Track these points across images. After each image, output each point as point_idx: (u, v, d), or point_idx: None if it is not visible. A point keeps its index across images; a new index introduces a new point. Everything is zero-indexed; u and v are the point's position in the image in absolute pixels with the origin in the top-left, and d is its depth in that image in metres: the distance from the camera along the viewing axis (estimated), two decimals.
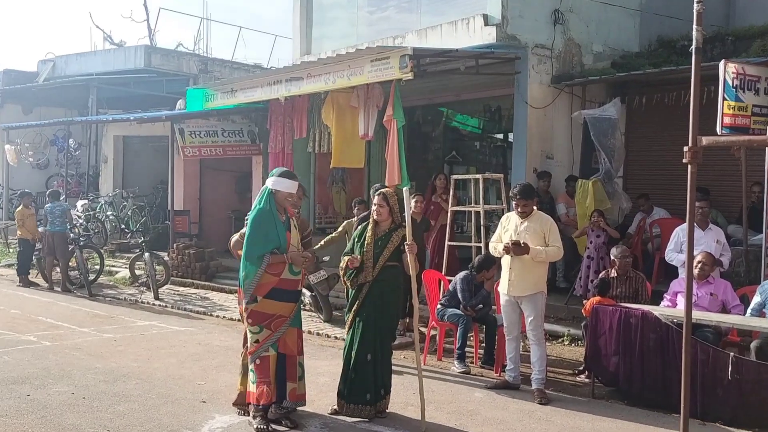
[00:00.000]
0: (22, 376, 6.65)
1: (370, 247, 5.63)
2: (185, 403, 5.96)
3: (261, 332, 5.36)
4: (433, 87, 11.64)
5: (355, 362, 5.54)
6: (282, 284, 5.34)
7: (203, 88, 13.10)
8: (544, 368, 6.49)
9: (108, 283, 13.06)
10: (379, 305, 5.60)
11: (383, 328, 5.66)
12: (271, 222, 5.34)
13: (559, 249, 6.43)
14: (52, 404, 5.82)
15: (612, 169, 9.72)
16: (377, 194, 5.77)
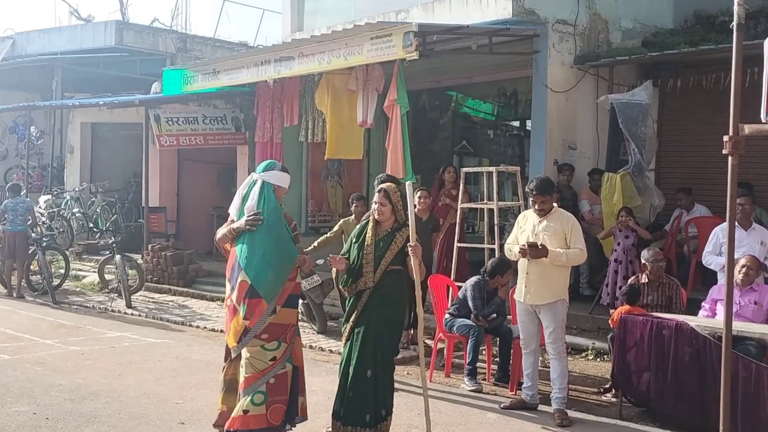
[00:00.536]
0: None
1: (370, 249, 5.60)
2: (161, 424, 5.97)
3: (279, 347, 5.18)
4: (440, 68, 11.63)
5: (353, 379, 5.51)
6: (296, 289, 5.36)
7: (182, 69, 13.13)
8: (565, 386, 6.48)
9: (74, 289, 13.07)
10: (380, 314, 5.57)
11: (385, 341, 5.62)
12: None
13: (581, 252, 6.41)
14: (11, 426, 5.82)
15: (643, 161, 9.69)
16: (378, 191, 5.72)
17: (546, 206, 6.44)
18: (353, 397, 5.49)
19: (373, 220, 5.68)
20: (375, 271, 5.55)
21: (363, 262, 5.59)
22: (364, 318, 5.58)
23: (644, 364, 6.37)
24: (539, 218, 6.47)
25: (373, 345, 5.53)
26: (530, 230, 6.49)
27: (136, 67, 18.20)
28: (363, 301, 5.59)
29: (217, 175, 15.93)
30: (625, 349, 6.50)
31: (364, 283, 5.57)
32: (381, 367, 5.55)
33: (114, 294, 12.19)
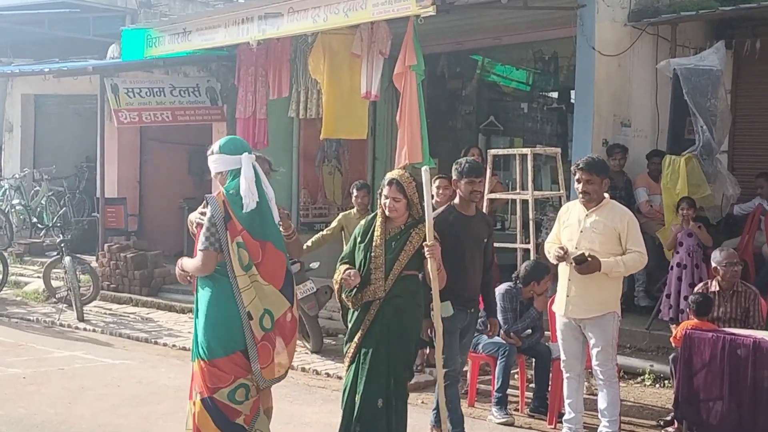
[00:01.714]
0: None
1: (380, 252, 5.58)
2: None
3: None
4: (463, 27, 11.60)
5: (361, 410, 5.50)
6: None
7: (144, 29, 13.11)
8: (616, 418, 6.48)
9: (14, 298, 13.10)
10: (393, 330, 5.55)
11: (399, 363, 5.61)
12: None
13: (641, 255, 6.36)
14: None
15: (713, 141, 9.65)
16: (388, 183, 5.66)
17: (591, 189, 6.33)
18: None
19: (381, 215, 5.66)
20: (386, 278, 5.54)
21: (371, 268, 5.56)
22: (373, 335, 5.55)
23: (715, 391, 6.36)
24: (586, 211, 6.39)
25: (386, 368, 5.51)
26: (575, 226, 6.44)
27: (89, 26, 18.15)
28: (372, 314, 5.57)
29: (188, 158, 15.93)
30: (692, 372, 6.49)
31: (373, 293, 5.55)
32: (395, 394, 5.54)
33: (63, 304, 12.19)
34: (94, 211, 14.88)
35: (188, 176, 15.87)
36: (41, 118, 17.97)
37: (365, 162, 13.81)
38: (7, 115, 17.99)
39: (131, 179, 15.77)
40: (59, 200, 15.92)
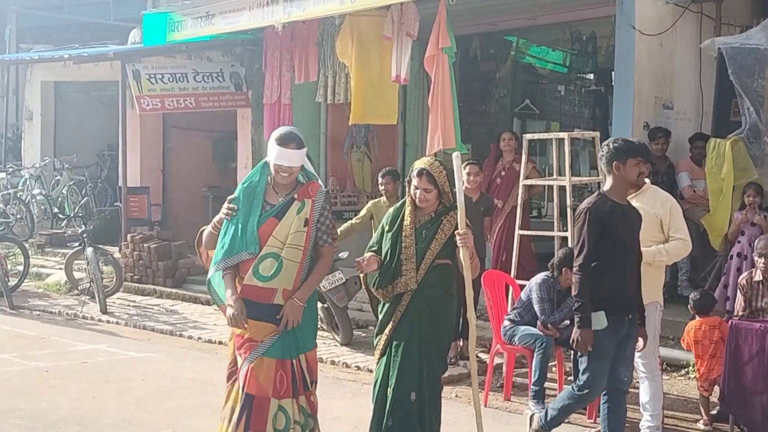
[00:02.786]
0: None
1: (410, 242, 5.53)
2: None
3: (237, 360, 5.38)
4: (496, 6, 11.55)
5: (393, 405, 5.48)
6: (245, 293, 5.26)
7: (166, 13, 13.15)
8: (659, 412, 6.46)
9: (36, 290, 13.22)
10: (426, 322, 5.51)
11: (432, 355, 5.58)
12: (248, 203, 5.29)
13: (684, 243, 6.33)
14: None
15: (761, 123, 9.55)
16: (419, 174, 5.56)
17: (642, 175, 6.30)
18: (394, 427, 5.47)
19: (411, 204, 5.61)
20: (418, 269, 5.50)
21: (402, 259, 5.52)
22: (404, 327, 5.53)
23: (764, 384, 6.31)
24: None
25: (418, 360, 5.48)
26: None
27: (110, 10, 18.30)
28: (403, 305, 5.54)
29: (212, 146, 15.99)
30: (739, 365, 6.44)
31: (405, 285, 5.51)
32: (428, 387, 5.53)
33: (85, 296, 12.29)
34: (116, 201, 14.97)
35: (212, 164, 15.93)
36: (61, 106, 18.04)
37: (395, 148, 13.78)
38: (27, 103, 18.11)
39: (154, 168, 15.82)
40: (81, 190, 16.01)
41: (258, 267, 5.21)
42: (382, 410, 5.52)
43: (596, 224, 5.43)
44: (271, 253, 5.22)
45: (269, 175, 5.34)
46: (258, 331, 5.24)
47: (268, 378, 5.22)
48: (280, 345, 5.26)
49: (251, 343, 5.25)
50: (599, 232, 5.43)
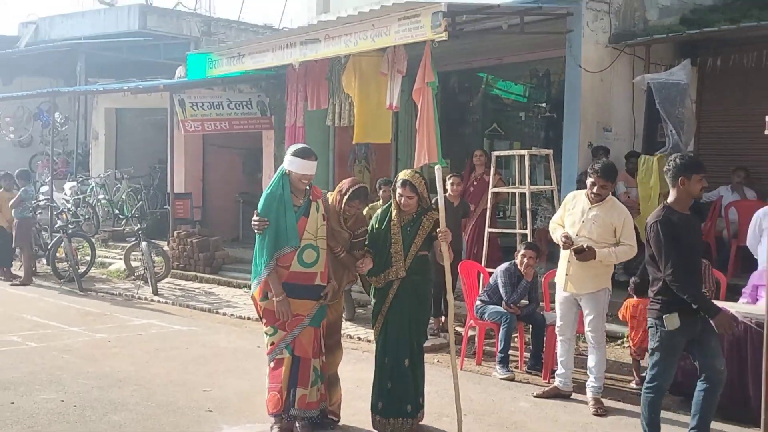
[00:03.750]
0: (6, 381, 6.77)
1: (398, 237, 5.56)
2: (189, 412, 6.04)
3: (275, 334, 5.40)
4: (470, 49, 11.55)
5: (391, 371, 5.52)
6: (293, 278, 5.33)
7: (206, 53, 13.17)
8: (602, 375, 6.46)
9: (100, 276, 13.24)
10: (414, 302, 5.56)
11: (420, 328, 5.67)
12: (280, 208, 5.33)
13: (632, 248, 6.31)
14: (40, 413, 5.92)
15: (681, 144, 9.57)
16: (402, 184, 5.54)
17: (604, 192, 6.27)
18: (393, 388, 5.50)
19: (396, 207, 5.61)
20: (405, 259, 5.53)
21: (392, 252, 5.53)
22: (396, 307, 5.55)
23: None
24: (590, 204, 6.32)
25: (409, 334, 5.54)
26: (578, 216, 6.37)
27: (160, 51, 18.29)
28: (394, 289, 5.56)
29: (242, 160, 16.00)
30: None
31: (395, 273, 5.53)
32: (417, 355, 5.59)
33: (140, 281, 12.35)
34: (165, 204, 14.97)
35: (242, 175, 15.95)
36: (121, 128, 18.10)
37: (389, 162, 13.78)
38: (94, 126, 18.17)
39: (196, 177, 15.85)
40: (137, 195, 16.03)
41: (302, 256, 5.34)
42: (382, 375, 5.56)
43: (669, 235, 4.92)
44: (308, 244, 5.36)
45: (289, 183, 5.37)
46: (303, 308, 5.40)
47: (309, 342, 5.43)
48: (315, 317, 5.46)
49: (297, 317, 5.37)
50: (675, 241, 4.92)
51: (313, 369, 5.45)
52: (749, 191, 9.77)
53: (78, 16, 20.67)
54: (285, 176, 5.41)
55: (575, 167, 10.01)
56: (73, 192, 15.80)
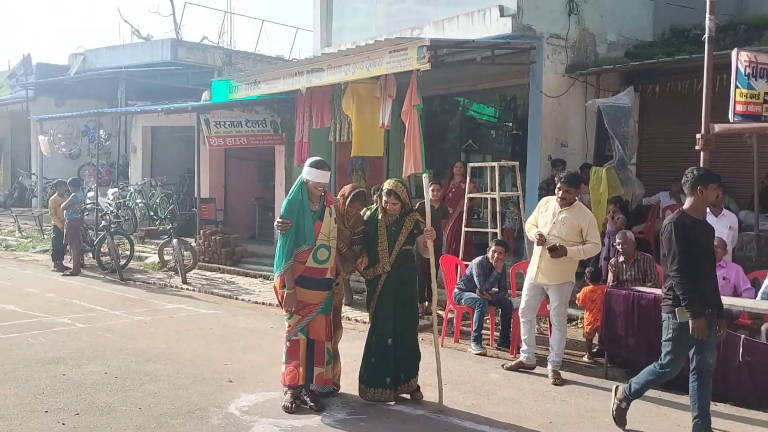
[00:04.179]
0: (58, 356, 6.76)
1: (384, 237, 5.53)
2: (212, 382, 6.02)
3: (291, 318, 5.39)
4: (450, 77, 11.56)
5: (374, 347, 5.54)
6: (307, 272, 5.33)
7: (227, 80, 13.13)
8: (561, 351, 6.47)
9: (138, 268, 13.19)
10: (399, 291, 5.55)
11: (405, 313, 5.61)
12: (300, 212, 5.33)
13: (597, 246, 6.29)
14: (86, 383, 5.91)
15: (625, 157, 9.62)
16: (388, 193, 5.51)
17: (569, 197, 6.28)
18: (375, 362, 5.51)
19: (382, 210, 5.58)
20: (390, 255, 5.50)
21: (379, 249, 5.51)
22: (384, 295, 5.54)
23: (627, 331, 6.35)
24: (560, 208, 6.32)
25: (393, 317, 5.52)
26: (550, 217, 6.36)
27: (189, 78, 18.25)
28: (382, 280, 5.54)
29: (258, 170, 15.96)
30: (611, 318, 6.48)
31: (382, 268, 5.52)
32: (401, 336, 5.54)
33: (172, 272, 12.30)
34: (193, 207, 14.92)
35: (258, 183, 15.89)
36: (156, 143, 18.07)
37: (382, 171, 13.76)
38: (132, 141, 18.15)
39: (218, 185, 15.80)
40: (169, 200, 15.97)
41: (316, 254, 5.34)
42: (368, 350, 5.58)
43: (681, 235, 4.73)
44: (323, 244, 5.37)
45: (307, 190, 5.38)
46: (316, 297, 5.39)
47: (321, 327, 5.42)
48: (327, 305, 5.44)
49: (311, 306, 5.37)
50: (685, 242, 4.73)
51: (326, 350, 5.45)
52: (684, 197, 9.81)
53: (119, 48, 20.62)
54: (303, 184, 5.41)
55: (537, 177, 10.06)
56: (115, 197, 15.75)
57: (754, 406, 5.59)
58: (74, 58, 20.69)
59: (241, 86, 12.37)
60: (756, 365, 5.62)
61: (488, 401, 5.72)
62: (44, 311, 8.96)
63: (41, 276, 12.18)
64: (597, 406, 5.65)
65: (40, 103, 20.56)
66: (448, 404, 5.51)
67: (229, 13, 23.84)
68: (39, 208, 18.38)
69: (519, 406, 5.63)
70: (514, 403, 5.68)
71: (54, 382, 5.93)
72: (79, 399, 5.50)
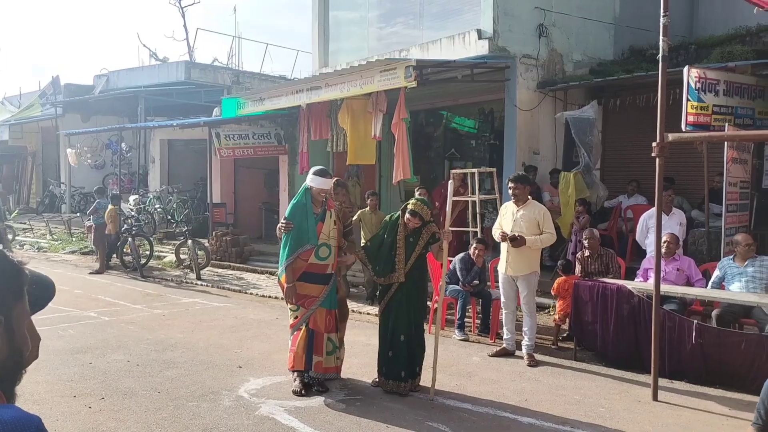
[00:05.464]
0: (85, 346, 6.73)
1: (402, 249, 5.36)
2: (224, 368, 6.01)
3: (298, 310, 5.37)
4: (434, 93, 11.59)
5: (392, 342, 5.37)
6: (310, 268, 5.32)
7: (236, 98, 13.14)
8: (533, 336, 6.47)
9: (157, 266, 13.13)
10: (412, 295, 5.39)
11: (417, 313, 5.44)
12: (303, 215, 5.33)
13: (552, 235, 6.33)
14: (111, 370, 5.89)
15: (590, 163, 9.65)
16: (411, 214, 5.33)
17: (519, 193, 6.32)
18: (393, 355, 5.38)
19: (403, 225, 5.40)
20: (406, 265, 5.34)
21: (396, 260, 5.35)
22: (396, 300, 5.38)
23: (594, 318, 6.37)
24: (517, 207, 6.37)
25: (406, 317, 5.38)
26: (510, 217, 6.40)
27: (201, 96, 18.20)
28: (395, 286, 5.39)
29: (264, 178, 15.93)
30: (580, 306, 6.50)
31: (397, 278, 5.36)
32: (414, 333, 5.41)
33: (187, 270, 12.26)
34: (206, 212, 14.90)
35: (264, 189, 15.85)
36: (172, 154, 17.99)
37: (375, 178, 13.79)
38: (151, 152, 18.05)
39: (229, 191, 15.74)
40: (184, 205, 15.91)
41: (318, 252, 5.32)
42: (385, 346, 5.44)
43: None
44: (324, 243, 5.35)
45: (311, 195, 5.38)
46: (317, 291, 5.35)
47: (321, 319, 5.37)
48: (327, 300, 5.38)
49: (312, 299, 5.35)
50: None
51: (328, 340, 5.37)
52: (641, 198, 9.85)
53: (139, 70, 20.55)
54: (307, 191, 5.41)
55: None
56: (136, 203, 15.69)
57: (706, 382, 5.61)
58: (98, 78, 20.61)
59: (248, 103, 12.37)
60: (707, 347, 5.65)
61: (470, 382, 5.72)
62: (73, 306, 8.91)
63: (70, 274, 12.11)
64: (567, 385, 5.66)
65: (67, 120, 20.47)
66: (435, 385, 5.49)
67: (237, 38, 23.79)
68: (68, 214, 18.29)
69: (498, 385, 5.63)
70: (494, 383, 5.68)
71: (81, 369, 5.90)
72: (104, 385, 5.47)
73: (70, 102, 20.10)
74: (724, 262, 6.52)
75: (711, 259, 7.68)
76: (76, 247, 15.30)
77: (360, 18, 13.17)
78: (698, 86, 7.23)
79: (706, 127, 7.28)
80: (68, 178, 19.30)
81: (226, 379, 5.67)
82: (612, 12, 11.67)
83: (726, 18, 11.49)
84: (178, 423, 4.63)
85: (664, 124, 5.03)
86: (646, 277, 6.81)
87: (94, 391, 5.29)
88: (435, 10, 11.53)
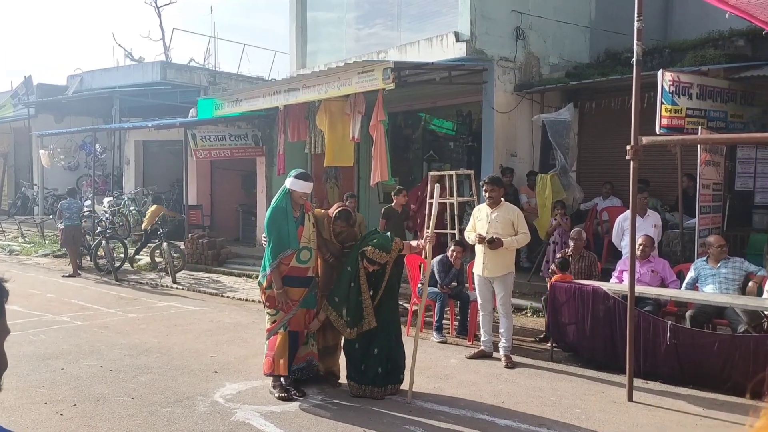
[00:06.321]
0: (57, 352, 6.60)
1: (366, 294, 5.20)
2: (199, 373, 5.93)
3: (277, 314, 5.32)
4: (412, 95, 11.61)
5: (362, 355, 5.31)
6: (291, 272, 5.27)
7: (212, 99, 13.02)
8: (510, 337, 6.49)
9: (131, 269, 12.95)
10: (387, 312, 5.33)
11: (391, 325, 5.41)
12: (284, 219, 5.28)
13: (526, 235, 6.36)
14: (83, 376, 5.78)
15: (567, 165, 9.74)
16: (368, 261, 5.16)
17: (494, 194, 6.35)
18: (364, 369, 5.31)
19: (363, 269, 5.23)
20: (374, 304, 5.23)
21: (363, 306, 5.21)
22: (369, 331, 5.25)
23: (570, 319, 6.41)
24: (491, 209, 6.39)
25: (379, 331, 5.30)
26: (485, 219, 6.40)
27: (177, 97, 18.02)
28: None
29: (241, 179, 15.82)
30: (556, 307, 6.53)
31: (368, 324, 5.21)
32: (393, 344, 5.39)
33: (162, 273, 12.11)
34: (182, 214, 14.75)
35: (241, 190, 15.75)
36: (147, 156, 17.82)
37: (353, 180, 13.77)
38: (126, 154, 17.85)
39: (205, 193, 15.62)
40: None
41: (299, 255, 5.29)
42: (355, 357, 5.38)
43: None
44: (305, 246, 5.32)
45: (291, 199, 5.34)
46: (298, 293, 5.33)
47: (301, 320, 5.37)
48: (306, 301, 5.36)
49: (293, 302, 5.31)
50: None
51: (306, 335, 5.41)
52: (616, 200, 9.96)
53: (114, 70, 20.29)
54: (288, 194, 5.35)
55: None
56: (110, 205, 15.45)
57: (680, 382, 5.68)
58: (72, 78, 20.29)
59: (225, 104, 12.26)
60: (681, 347, 5.72)
61: (448, 384, 5.72)
62: (45, 310, 8.75)
63: (42, 278, 11.89)
64: (543, 386, 5.69)
65: (40, 120, 20.14)
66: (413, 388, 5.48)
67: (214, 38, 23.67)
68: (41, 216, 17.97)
69: (476, 387, 5.64)
70: (471, 385, 5.69)
71: (53, 375, 5.78)
72: (76, 391, 5.37)
73: (43, 102, 19.76)
74: (697, 264, 6.61)
75: (685, 260, 7.78)
76: (48, 250, 15.04)
77: (338, 19, 13.14)
78: (672, 89, 7.34)
79: (680, 129, 7.39)
80: (41, 180, 18.98)
81: (202, 384, 5.60)
82: (588, 16, 11.80)
83: (699, 22, 11.68)
84: (152, 429, 4.55)
85: (638, 127, 5.09)
86: (622, 278, 6.88)
87: (66, 398, 5.19)
88: (413, 12, 11.55)
